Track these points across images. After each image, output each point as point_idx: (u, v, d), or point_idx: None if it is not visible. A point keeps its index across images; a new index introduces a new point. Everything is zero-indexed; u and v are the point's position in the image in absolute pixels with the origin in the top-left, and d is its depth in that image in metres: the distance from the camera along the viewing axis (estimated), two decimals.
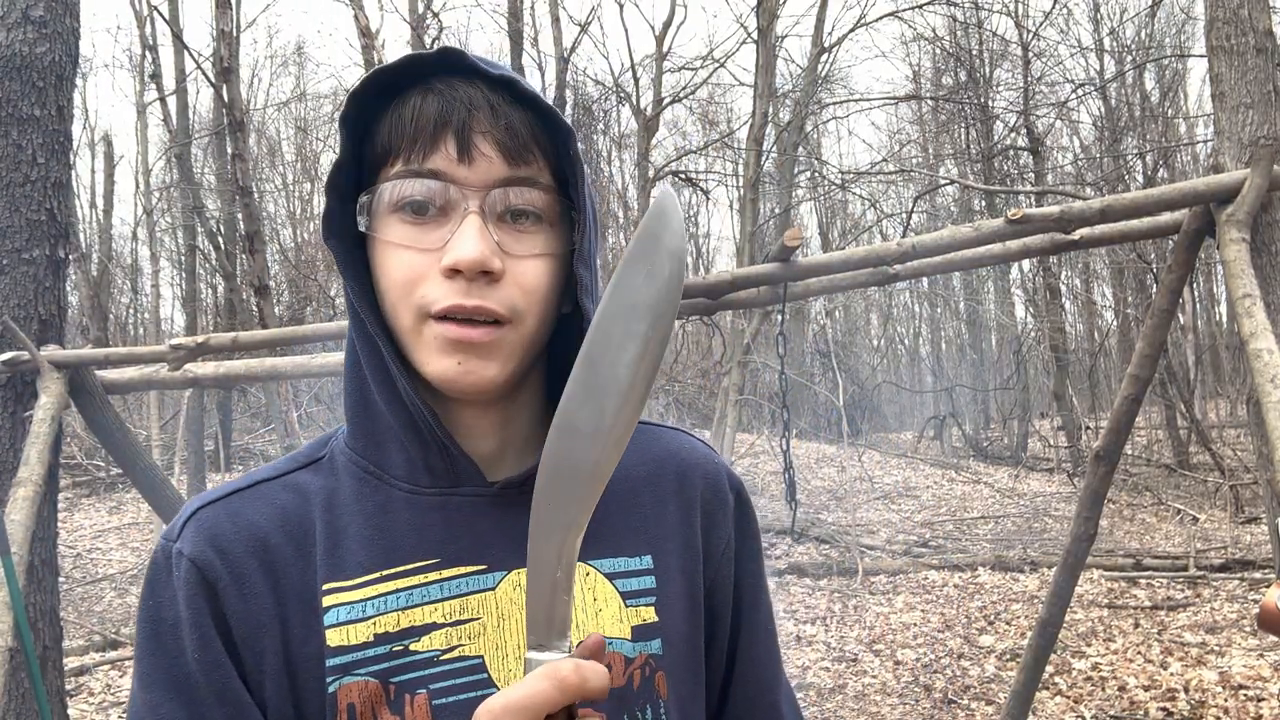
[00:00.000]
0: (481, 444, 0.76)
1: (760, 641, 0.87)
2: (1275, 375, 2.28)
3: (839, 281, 2.96)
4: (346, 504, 0.74)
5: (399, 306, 0.70)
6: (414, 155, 0.69)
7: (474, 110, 0.69)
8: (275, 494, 0.75)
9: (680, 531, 0.81)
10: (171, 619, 0.70)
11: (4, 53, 3.33)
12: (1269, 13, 3.24)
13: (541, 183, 0.71)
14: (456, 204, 0.69)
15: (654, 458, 0.83)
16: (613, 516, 0.78)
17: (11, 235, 3.32)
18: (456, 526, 0.73)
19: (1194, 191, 2.67)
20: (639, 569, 0.77)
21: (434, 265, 0.68)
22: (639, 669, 0.75)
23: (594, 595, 0.75)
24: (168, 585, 0.70)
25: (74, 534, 10.30)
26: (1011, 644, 5.81)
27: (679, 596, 0.79)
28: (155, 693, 0.69)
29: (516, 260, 0.70)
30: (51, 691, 3.22)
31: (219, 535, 0.71)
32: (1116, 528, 9.49)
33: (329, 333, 3.39)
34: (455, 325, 0.68)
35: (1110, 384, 18.32)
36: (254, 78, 21.37)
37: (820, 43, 15.09)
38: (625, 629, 0.75)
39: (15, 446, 3.13)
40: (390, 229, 0.70)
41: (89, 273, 15.17)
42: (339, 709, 0.68)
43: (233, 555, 0.71)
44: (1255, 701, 4.56)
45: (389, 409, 0.73)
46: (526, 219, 0.71)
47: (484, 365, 0.69)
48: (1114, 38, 17.66)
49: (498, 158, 0.69)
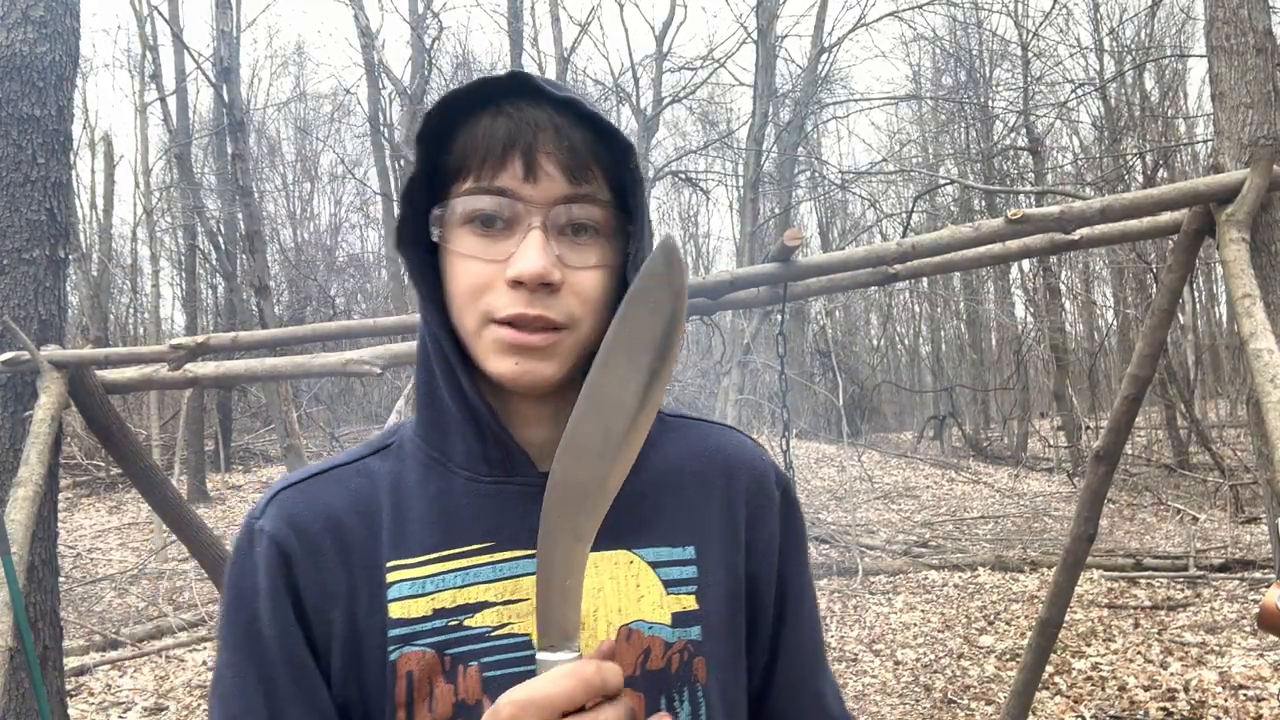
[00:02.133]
0: (535, 435, 0.81)
1: (804, 633, 0.90)
2: (1275, 375, 2.28)
3: (839, 281, 2.96)
4: (412, 488, 0.81)
5: (465, 311, 0.77)
6: (484, 173, 0.75)
7: (539, 132, 0.74)
8: (348, 478, 0.82)
9: (724, 524, 0.85)
10: (251, 588, 0.77)
11: (4, 53, 3.33)
12: (1269, 13, 3.24)
13: (600, 199, 0.77)
14: (521, 219, 0.75)
15: (702, 453, 0.87)
16: (659, 508, 0.83)
17: (11, 235, 3.32)
18: (510, 513, 0.79)
19: (1194, 191, 2.67)
20: (682, 559, 0.82)
21: (499, 275, 0.74)
22: (678, 653, 0.79)
23: (637, 582, 0.80)
24: (250, 558, 0.78)
25: (74, 534, 10.30)
26: (1011, 644, 5.81)
27: (720, 586, 0.83)
28: (232, 654, 0.77)
29: (574, 271, 0.75)
30: (51, 691, 3.22)
31: (296, 515, 0.79)
32: (1116, 528, 9.49)
33: (329, 333, 3.39)
34: (515, 330, 0.74)
35: (1110, 384, 18.32)
36: (254, 78, 21.38)
37: (820, 43, 15.10)
38: (665, 615, 0.80)
39: (15, 446, 3.14)
40: (460, 240, 0.76)
41: (89, 273, 15.17)
42: (398, 675, 0.75)
43: (308, 533, 0.78)
44: (1255, 701, 4.56)
45: (453, 402, 0.80)
46: (585, 232, 0.76)
47: (541, 365, 0.76)
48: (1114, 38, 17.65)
49: (560, 176, 0.75)
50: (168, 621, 7.08)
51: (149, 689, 5.67)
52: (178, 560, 8.85)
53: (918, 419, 20.05)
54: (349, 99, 19.02)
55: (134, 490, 6.38)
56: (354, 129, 20.47)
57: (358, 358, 2.92)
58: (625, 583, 0.79)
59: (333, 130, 21.69)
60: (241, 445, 16.32)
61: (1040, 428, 17.74)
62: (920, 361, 25.95)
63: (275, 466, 14.42)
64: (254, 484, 13.82)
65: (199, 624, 7.10)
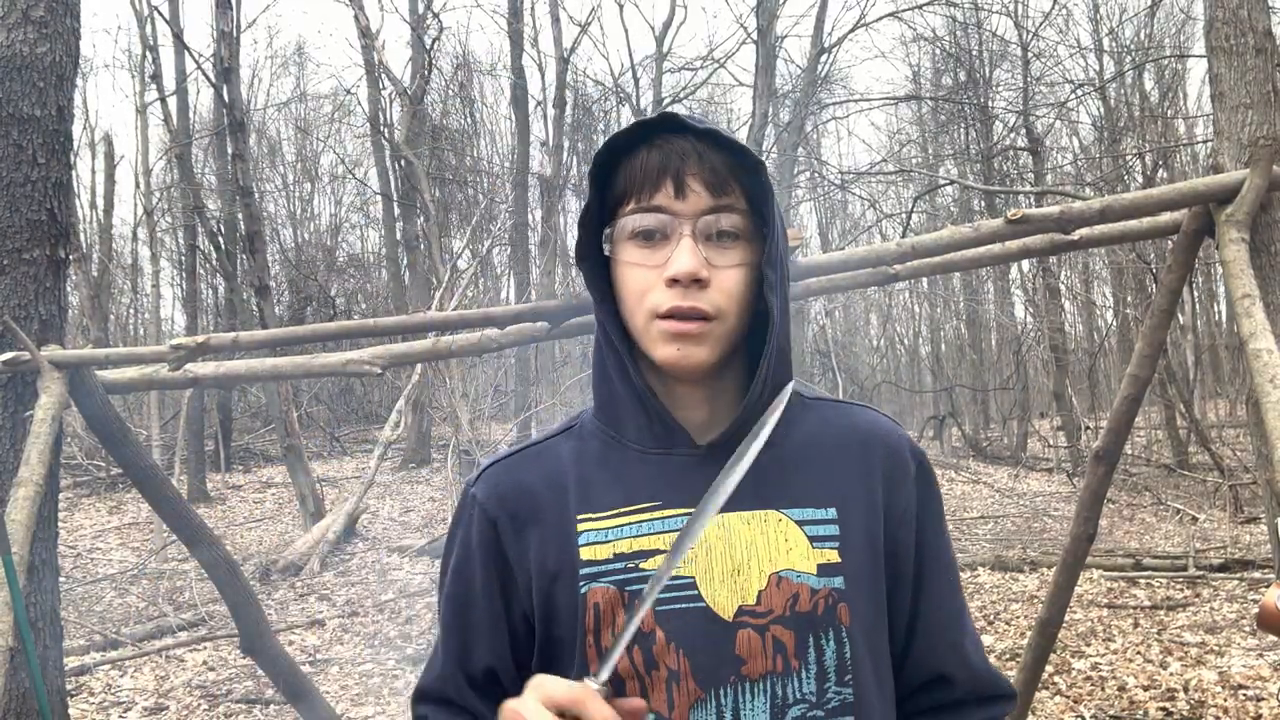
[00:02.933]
0: (694, 415, 0.97)
1: (943, 589, 1.01)
2: (1275, 375, 2.28)
3: (839, 281, 2.96)
4: (593, 459, 0.98)
5: (635, 310, 0.93)
6: (643, 195, 0.92)
7: (685, 159, 0.91)
8: (540, 455, 1.01)
9: (862, 491, 0.97)
10: (466, 543, 1.00)
11: (4, 53, 3.33)
12: (1268, 13, 3.24)
13: (738, 208, 0.92)
14: (675, 229, 0.91)
15: (842, 429, 1.00)
16: (803, 475, 0.96)
17: (12, 235, 3.32)
18: (673, 478, 0.94)
19: (1193, 192, 2.67)
20: (824, 519, 0.94)
21: (659, 277, 0.91)
22: (823, 599, 0.91)
23: (785, 537, 0.93)
24: (462, 524, 1.01)
25: (74, 534, 10.30)
26: (1011, 644, 5.81)
27: (860, 543, 0.94)
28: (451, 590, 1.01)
29: (719, 270, 0.91)
30: (52, 691, 3.22)
31: (500, 487, 1.00)
32: (1116, 528, 9.49)
33: (329, 333, 3.39)
34: (675, 321, 0.90)
35: (1110, 384, 18.32)
36: (254, 78, 21.37)
37: (820, 43, 15.09)
38: (811, 565, 0.92)
39: (15, 446, 3.14)
40: (627, 252, 0.93)
41: (89, 273, 15.16)
42: (587, 606, 0.92)
43: (509, 503, 0.98)
44: (1255, 701, 4.56)
45: (624, 389, 0.97)
46: (727, 237, 0.92)
47: (697, 350, 0.91)
48: (1113, 38, 17.66)
49: (704, 192, 0.91)
50: (168, 621, 7.08)
51: (149, 689, 5.67)
52: (178, 560, 8.86)
53: (918, 419, 20.04)
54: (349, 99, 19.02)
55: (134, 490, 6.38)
56: (354, 129, 20.47)
57: (358, 358, 2.92)
58: (775, 538, 0.92)
59: (333, 130, 21.70)
60: (241, 445, 16.32)
61: (1040, 428, 17.74)
62: (920, 361, 25.95)
63: (275, 466, 14.42)
64: (254, 484, 13.82)
65: (199, 624, 7.10)
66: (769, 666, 0.89)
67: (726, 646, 0.89)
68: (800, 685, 0.89)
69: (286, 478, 11.87)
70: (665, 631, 0.89)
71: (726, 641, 0.89)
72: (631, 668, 0.89)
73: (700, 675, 0.88)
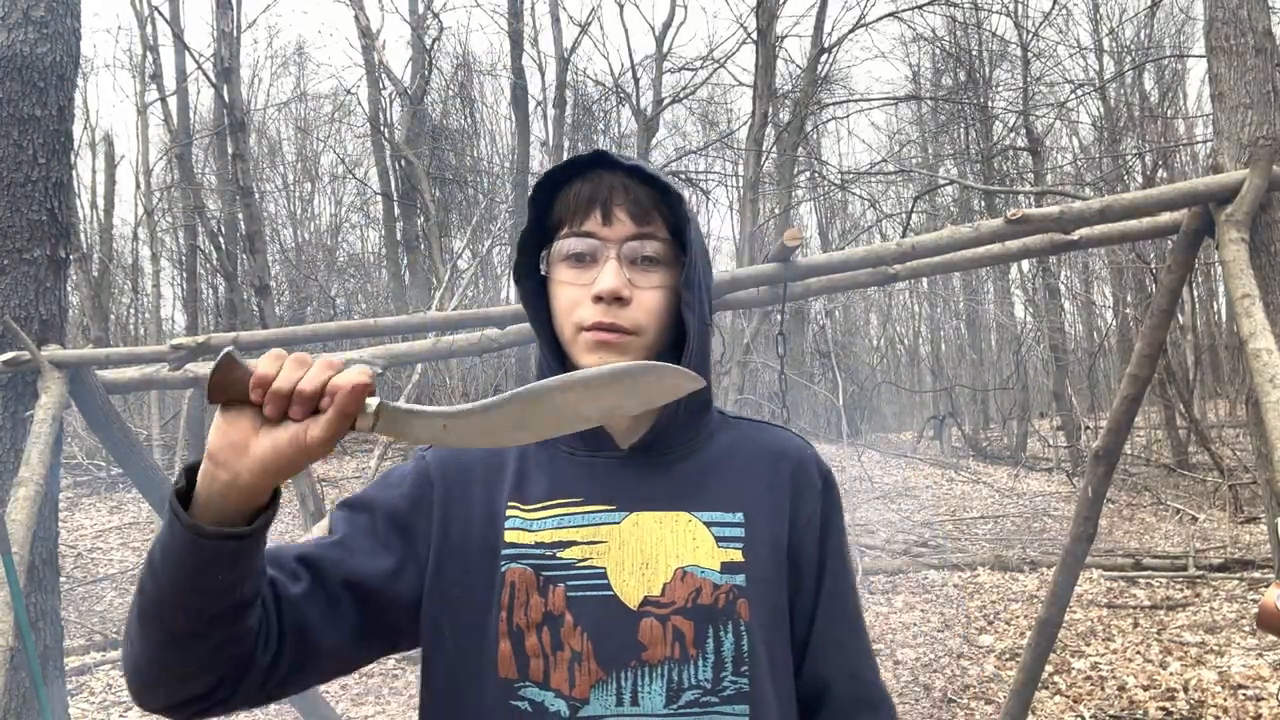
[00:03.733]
0: (618, 421, 1.06)
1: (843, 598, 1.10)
2: (1274, 375, 2.28)
3: (839, 281, 2.96)
4: (530, 458, 1.07)
5: (564, 323, 1.04)
6: (575, 222, 1.04)
7: (613, 190, 1.03)
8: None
9: (770, 499, 1.06)
10: (388, 481, 1.08)
11: (5, 53, 3.33)
12: (1268, 13, 3.24)
13: (659, 236, 1.04)
14: (602, 253, 1.02)
15: (757, 444, 1.11)
16: (716, 482, 1.05)
17: (12, 235, 3.32)
18: (597, 478, 1.04)
19: (1193, 192, 2.67)
20: (731, 521, 1.03)
21: (587, 295, 1.02)
22: (724, 594, 0.99)
23: (693, 536, 1.01)
24: (403, 467, 1.09)
25: (75, 533, 10.29)
26: (1011, 643, 5.82)
27: (764, 546, 1.03)
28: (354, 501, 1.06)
29: (641, 290, 1.02)
30: (52, 691, 3.22)
31: (446, 457, 1.09)
32: (1116, 528, 9.49)
33: (329, 333, 3.39)
34: (598, 332, 1.01)
35: (1109, 384, 18.33)
36: (254, 78, 21.35)
37: (820, 43, 15.09)
38: (715, 563, 1.00)
39: (16, 446, 3.14)
40: (561, 272, 1.05)
41: (90, 273, 15.16)
42: (505, 583, 0.99)
43: (449, 470, 1.08)
44: (1254, 701, 4.57)
45: None
46: (649, 262, 1.03)
47: (618, 359, 0.99)
48: (1113, 38, 17.67)
49: (629, 221, 1.03)
50: None
51: None
52: None
53: (918, 419, 20.05)
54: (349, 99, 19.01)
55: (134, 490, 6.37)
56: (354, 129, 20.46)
57: (358, 358, 2.93)
58: (683, 536, 1.01)
59: (333, 130, 21.68)
60: None
61: (1040, 428, 17.74)
62: (920, 361, 25.94)
63: None
64: None
65: None
66: (668, 653, 0.96)
67: (629, 633, 0.96)
68: (696, 672, 0.97)
69: None
70: (574, 616, 0.97)
71: (629, 628, 0.96)
72: (539, 647, 0.97)
73: (602, 658, 0.95)
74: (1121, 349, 16.90)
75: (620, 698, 0.95)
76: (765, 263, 2.87)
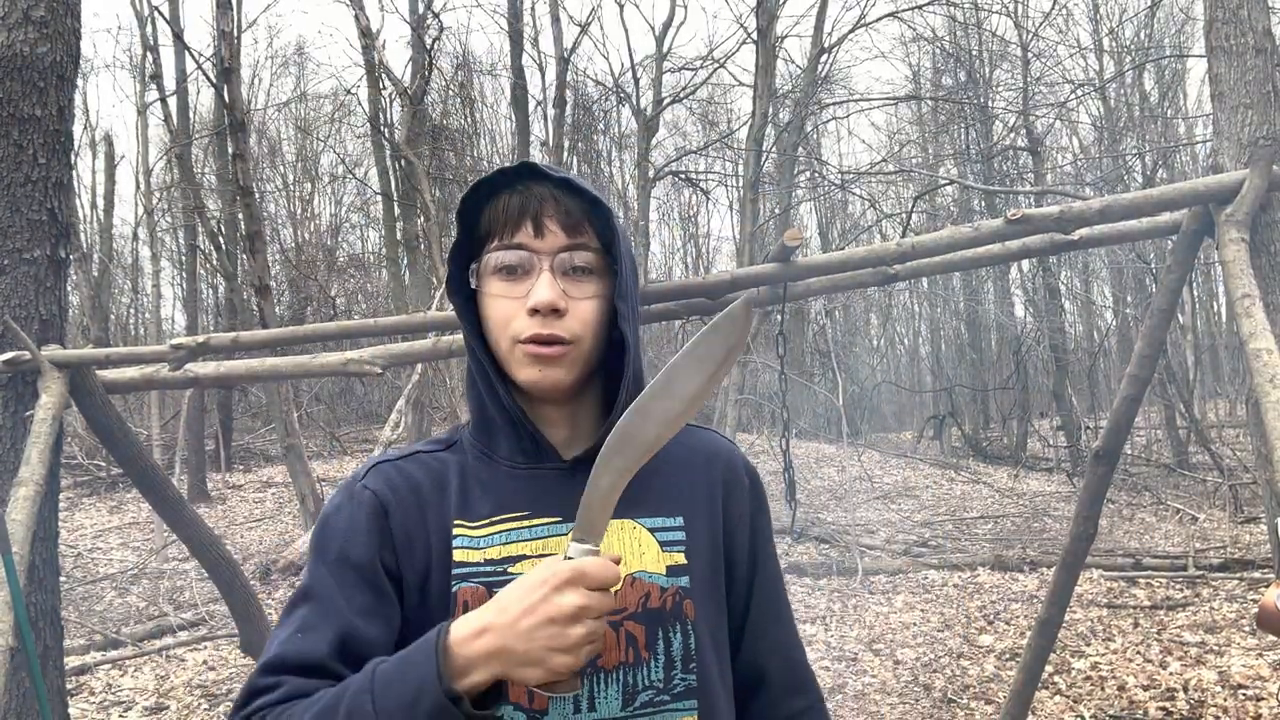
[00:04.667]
0: (558, 433, 1.07)
1: (772, 589, 1.16)
2: (1274, 375, 2.28)
3: (839, 281, 2.96)
4: (471, 473, 1.07)
5: (500, 337, 1.03)
6: (505, 234, 1.03)
7: (544, 202, 1.02)
8: (427, 461, 1.08)
9: (705, 501, 1.10)
10: (349, 528, 1.02)
11: (5, 53, 3.33)
12: (1268, 13, 3.24)
13: (591, 246, 1.03)
14: (534, 265, 1.02)
15: (690, 448, 1.13)
16: (653, 488, 1.07)
17: (12, 235, 3.32)
18: (541, 490, 1.04)
19: (1193, 192, 2.67)
20: (672, 525, 1.06)
21: (521, 307, 1.01)
22: (671, 596, 1.03)
23: (638, 542, 1.04)
24: (351, 506, 1.04)
25: (75, 533, 10.30)
26: (1011, 644, 5.82)
27: (703, 547, 1.07)
28: (319, 566, 1.01)
29: (576, 301, 1.02)
30: (52, 690, 3.22)
31: (391, 480, 1.06)
32: (1116, 527, 9.49)
33: (329, 333, 3.39)
34: (535, 345, 1.00)
35: (1110, 384, 18.31)
36: (254, 78, 21.35)
37: (820, 43, 15.08)
38: (661, 567, 1.04)
39: (16, 446, 3.13)
40: (492, 285, 1.03)
41: (90, 273, 15.16)
42: (458, 602, 0.99)
43: (399, 493, 1.04)
44: (1254, 701, 4.57)
45: (496, 411, 1.06)
46: (581, 272, 1.03)
47: (555, 371, 1.01)
48: (1113, 38, 17.66)
49: (560, 232, 1.02)
50: (168, 621, 7.08)
51: (149, 688, 5.67)
52: (178, 560, 8.85)
53: (917, 419, 20.04)
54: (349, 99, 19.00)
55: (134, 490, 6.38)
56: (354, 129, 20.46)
57: (358, 358, 2.93)
58: (630, 542, 1.04)
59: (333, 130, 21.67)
60: (241, 445, 16.30)
61: (1040, 428, 17.73)
62: (920, 361, 25.94)
63: (275, 466, 14.41)
64: (254, 484, 13.81)
65: (199, 624, 7.10)
66: (621, 658, 0.99)
67: None
68: (649, 673, 1.00)
69: (286, 478, 11.86)
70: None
71: None
72: None
73: None
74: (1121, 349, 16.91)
75: (578, 704, 0.98)
76: (765, 263, 2.87)
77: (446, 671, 0.84)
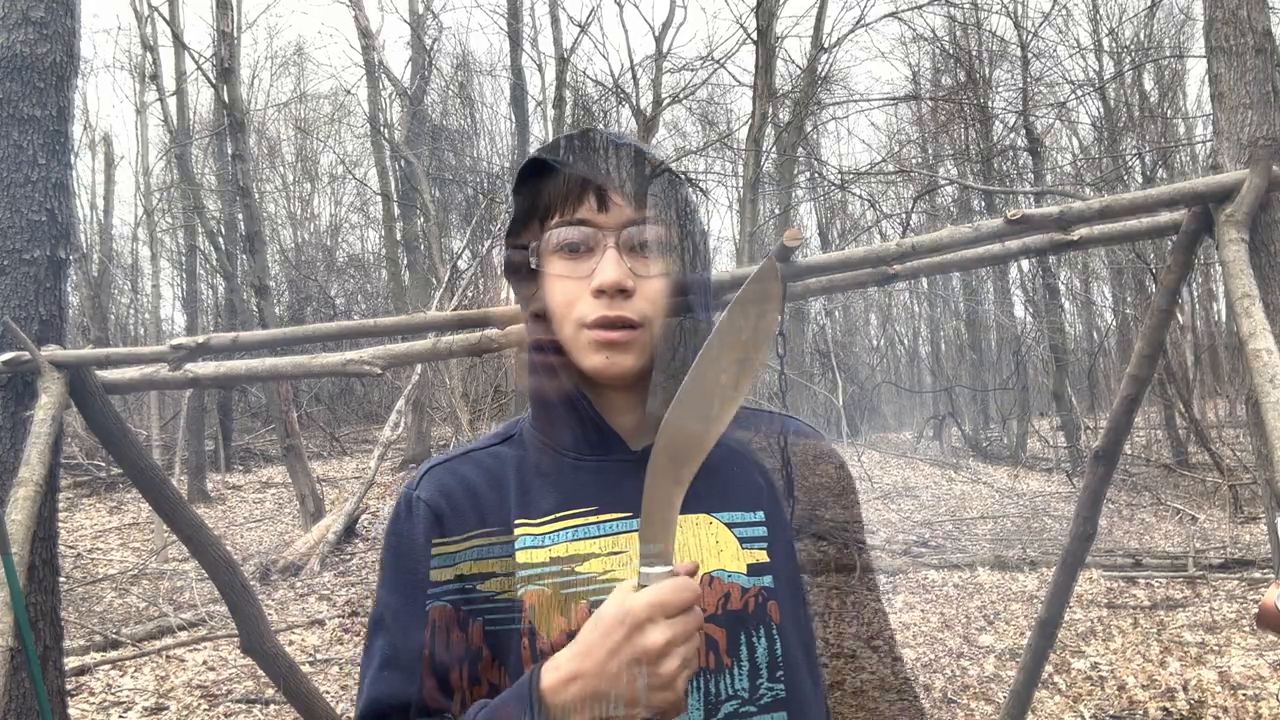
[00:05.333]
0: (625, 420, 0.99)
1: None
2: (1274, 375, 2.28)
3: (838, 281, 2.96)
4: (532, 467, 1.00)
5: (562, 321, 0.95)
6: (567, 209, 0.94)
7: (608, 173, 0.94)
8: (482, 459, 1.02)
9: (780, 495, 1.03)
10: (410, 543, 0.97)
11: (4, 53, 3.33)
12: (1268, 13, 3.24)
13: (660, 220, 0.95)
14: (599, 241, 0.94)
15: (765, 436, 1.06)
16: (731, 480, 1.00)
17: (12, 235, 3.32)
18: (609, 484, 0.97)
19: (1193, 191, 2.67)
20: (753, 521, 0.99)
21: (585, 288, 0.93)
22: (753, 597, 0.95)
23: (716, 539, 0.97)
24: (409, 520, 0.99)
25: (74, 534, 10.29)
26: (1011, 643, 5.82)
27: (784, 545, 1.01)
28: (394, 594, 0.96)
29: (643, 280, 0.93)
30: (52, 691, 3.22)
31: (444, 485, 0.99)
32: (1116, 527, 9.49)
33: (329, 333, 3.39)
34: (602, 330, 0.92)
35: (1109, 384, 18.32)
36: (254, 78, 21.36)
37: (820, 43, 15.09)
38: (741, 565, 0.96)
39: (16, 446, 3.13)
40: (553, 265, 0.95)
41: (89, 273, 15.17)
42: (525, 607, 0.93)
43: (453, 498, 0.98)
44: (1254, 701, 4.57)
45: (557, 399, 0.98)
46: (649, 248, 0.94)
47: (624, 358, 0.93)
48: (1113, 38, 17.66)
49: (626, 205, 0.94)
50: (168, 621, 7.08)
51: (149, 689, 5.67)
52: (178, 560, 8.85)
53: (917, 419, 20.03)
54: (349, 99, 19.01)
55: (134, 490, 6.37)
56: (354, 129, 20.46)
57: (358, 358, 2.93)
58: (706, 539, 0.96)
59: (333, 130, 21.68)
60: (241, 445, 16.31)
61: (1040, 427, 17.73)
62: (920, 361, 25.94)
63: (275, 466, 14.42)
64: (254, 484, 13.82)
65: (199, 624, 7.10)
66: (701, 664, 0.91)
67: None
68: (733, 682, 0.93)
69: (286, 478, 11.87)
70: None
71: None
72: None
73: None
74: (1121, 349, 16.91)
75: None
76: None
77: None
